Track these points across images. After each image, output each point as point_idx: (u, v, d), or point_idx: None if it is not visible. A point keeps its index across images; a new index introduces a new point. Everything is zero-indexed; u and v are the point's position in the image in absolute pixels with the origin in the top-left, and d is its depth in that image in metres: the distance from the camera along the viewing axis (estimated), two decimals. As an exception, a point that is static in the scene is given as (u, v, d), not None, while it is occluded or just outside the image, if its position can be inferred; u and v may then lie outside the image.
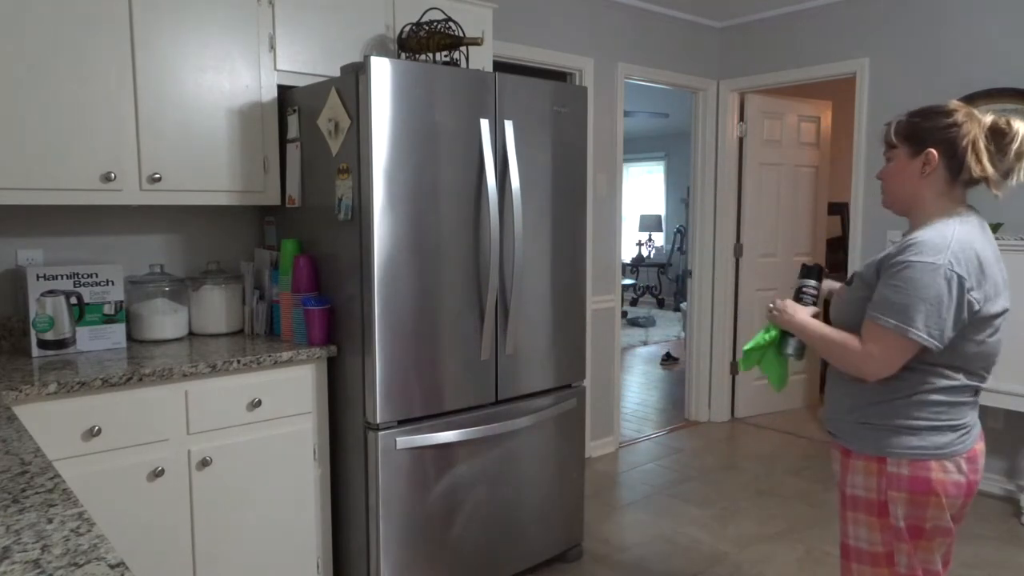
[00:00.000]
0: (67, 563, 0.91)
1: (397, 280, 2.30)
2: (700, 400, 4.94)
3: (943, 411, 1.58)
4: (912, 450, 1.57)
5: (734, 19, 4.64)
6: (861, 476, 1.63)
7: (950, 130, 1.57)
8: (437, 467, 2.45)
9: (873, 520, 1.62)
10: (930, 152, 1.58)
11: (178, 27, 2.34)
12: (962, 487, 1.58)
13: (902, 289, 1.50)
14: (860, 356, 1.57)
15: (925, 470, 1.56)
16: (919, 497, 1.57)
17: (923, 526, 1.58)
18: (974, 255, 1.52)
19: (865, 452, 1.62)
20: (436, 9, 2.78)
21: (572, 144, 2.76)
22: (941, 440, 1.57)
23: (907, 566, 1.60)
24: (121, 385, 2.01)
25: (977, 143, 1.56)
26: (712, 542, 3.15)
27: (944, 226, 1.56)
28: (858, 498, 1.64)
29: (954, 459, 1.57)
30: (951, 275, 1.49)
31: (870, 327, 1.56)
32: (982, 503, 3.55)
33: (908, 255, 1.52)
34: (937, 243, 1.51)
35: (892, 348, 1.53)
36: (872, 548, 1.63)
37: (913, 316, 1.49)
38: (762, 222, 4.90)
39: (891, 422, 1.59)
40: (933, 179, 1.60)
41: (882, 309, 1.53)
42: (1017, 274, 3.30)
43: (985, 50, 3.64)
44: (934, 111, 1.61)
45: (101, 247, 2.58)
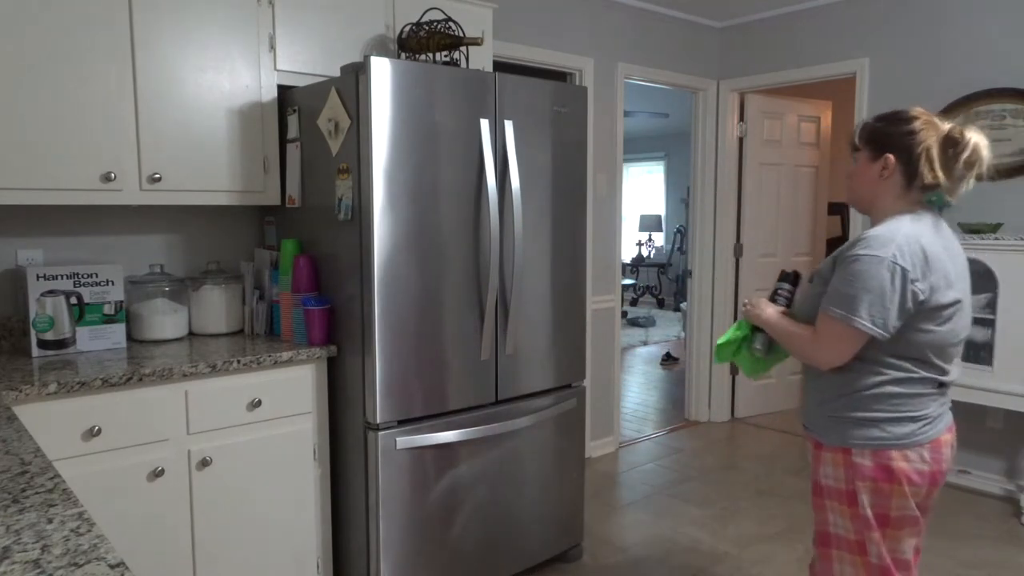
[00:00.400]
0: (67, 563, 0.91)
1: (397, 280, 2.30)
2: (700, 400, 4.95)
3: (902, 402, 1.65)
4: (873, 440, 1.64)
5: (734, 19, 4.64)
6: (831, 467, 1.71)
7: (907, 137, 1.65)
8: (437, 467, 2.45)
9: (844, 509, 1.69)
10: (888, 157, 1.67)
11: (178, 27, 2.34)
12: (925, 476, 1.64)
13: (849, 281, 1.60)
14: (812, 346, 1.67)
15: (887, 459, 1.63)
16: (883, 486, 1.64)
17: (889, 514, 1.65)
18: (919, 248, 1.60)
19: (833, 444, 1.70)
20: (436, 9, 2.78)
21: (572, 144, 2.76)
22: (901, 431, 1.64)
23: (878, 555, 1.66)
24: (121, 385, 2.01)
25: (931, 151, 1.63)
26: (712, 542, 3.15)
27: (895, 223, 1.65)
28: (831, 488, 1.72)
29: (916, 449, 1.64)
30: (894, 267, 1.57)
31: (821, 318, 1.65)
32: (982, 503, 3.56)
33: (857, 249, 1.61)
34: (884, 238, 1.60)
35: (840, 337, 1.62)
36: (847, 536, 1.70)
37: (858, 306, 1.58)
38: (762, 222, 4.90)
39: (854, 414, 1.67)
40: (891, 182, 1.69)
41: (832, 301, 1.63)
42: (1017, 274, 3.30)
43: (985, 50, 3.64)
44: (896, 117, 1.69)
45: (101, 247, 2.58)
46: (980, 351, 3.47)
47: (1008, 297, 3.32)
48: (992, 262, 3.36)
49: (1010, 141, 3.57)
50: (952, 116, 3.72)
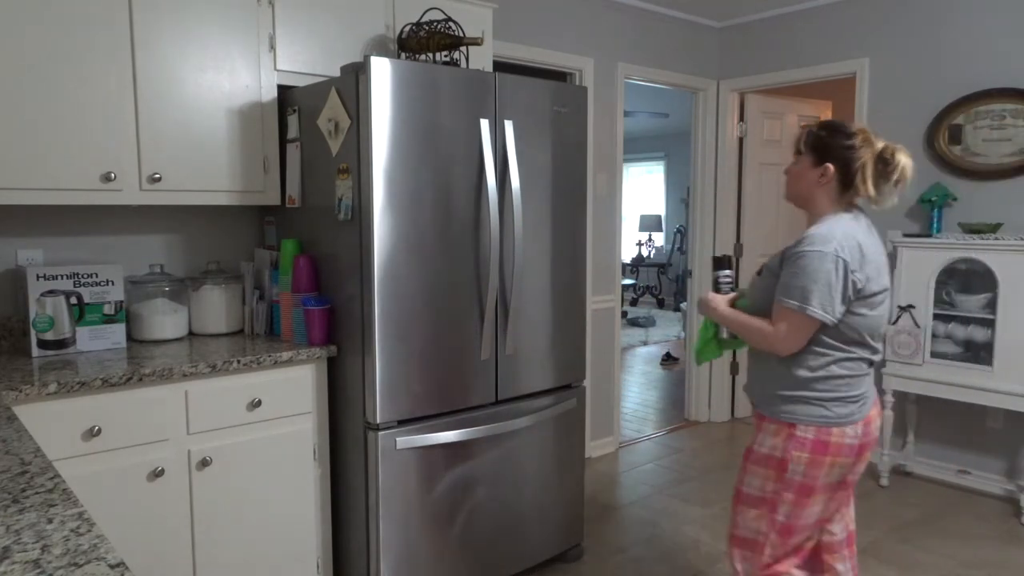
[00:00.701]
0: (67, 563, 0.91)
1: (397, 280, 2.30)
2: (700, 400, 4.94)
3: (844, 383, 1.85)
4: (819, 418, 1.85)
5: (734, 19, 4.64)
6: (770, 437, 1.92)
7: (847, 151, 1.85)
8: (437, 467, 2.45)
9: (770, 472, 1.91)
10: (828, 167, 1.87)
11: (178, 27, 2.34)
12: (855, 449, 1.87)
13: (799, 275, 1.79)
14: (773, 335, 1.84)
15: (827, 435, 1.84)
16: (818, 458, 1.85)
17: (815, 484, 1.87)
18: (856, 243, 1.80)
19: (777, 418, 1.90)
20: (436, 9, 2.78)
21: (572, 144, 2.76)
22: (844, 411, 1.85)
23: (785, 515, 1.90)
24: (121, 385, 2.01)
25: (866, 167, 1.84)
26: (712, 542, 3.15)
27: (832, 221, 1.85)
28: (763, 455, 1.93)
29: (853, 425, 1.86)
30: (837, 260, 1.77)
31: (778, 309, 1.84)
32: (982, 503, 3.56)
33: (803, 247, 1.82)
34: (825, 235, 1.81)
35: (797, 325, 1.81)
36: (759, 494, 1.94)
37: (810, 296, 1.77)
38: (762, 222, 4.90)
39: (802, 394, 1.86)
40: (828, 188, 1.89)
41: (785, 293, 1.81)
42: (1017, 274, 3.31)
43: (985, 50, 3.64)
44: (839, 130, 1.88)
45: (101, 247, 2.58)
46: (980, 351, 3.47)
47: (1008, 297, 3.32)
48: (992, 262, 3.36)
49: (1010, 141, 3.57)
50: (952, 116, 3.73)
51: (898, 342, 3.64)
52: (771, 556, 1.94)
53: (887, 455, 3.77)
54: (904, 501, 3.59)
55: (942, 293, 3.58)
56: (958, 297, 3.54)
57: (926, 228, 3.79)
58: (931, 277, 3.55)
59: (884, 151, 1.84)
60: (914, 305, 3.59)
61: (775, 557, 1.94)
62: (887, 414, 3.73)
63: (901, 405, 3.88)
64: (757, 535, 1.95)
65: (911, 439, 3.94)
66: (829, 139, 1.88)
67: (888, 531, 3.25)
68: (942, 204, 3.71)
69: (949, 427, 3.84)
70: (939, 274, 3.54)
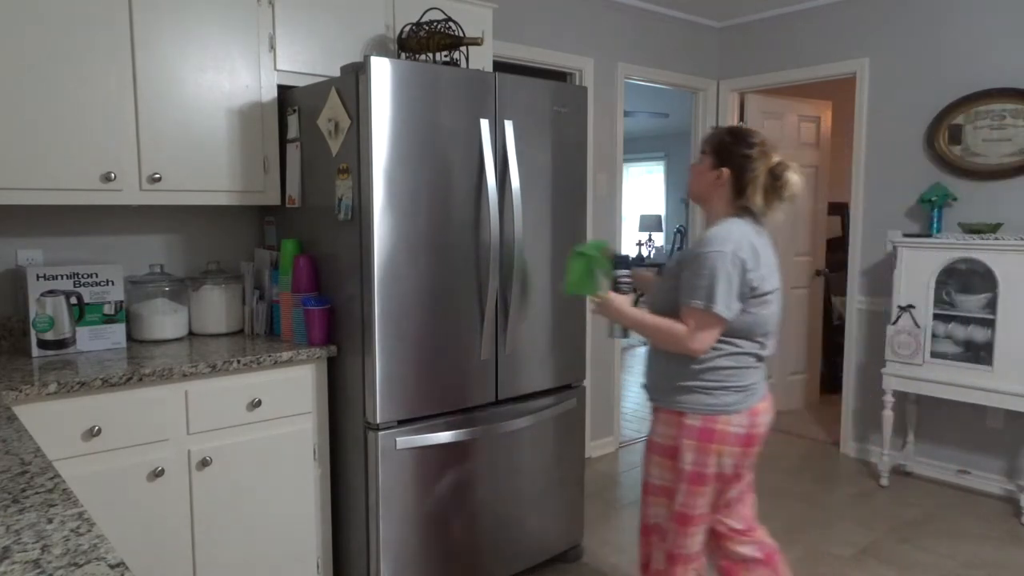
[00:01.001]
0: (67, 563, 0.91)
1: (397, 280, 2.30)
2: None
3: (731, 374, 1.94)
4: (706, 407, 1.94)
5: (734, 19, 4.64)
6: (663, 427, 2.02)
7: (744, 160, 1.92)
8: (437, 467, 2.45)
9: (666, 462, 2.02)
10: (723, 171, 1.95)
11: (178, 27, 2.34)
12: (741, 438, 1.95)
13: (702, 275, 1.86)
14: (685, 335, 1.90)
15: (712, 423, 1.93)
16: (705, 445, 1.94)
17: (705, 472, 1.95)
18: (751, 245, 1.89)
19: (670, 407, 2.00)
20: (436, 9, 2.78)
21: (572, 144, 2.76)
22: (729, 399, 1.93)
23: (680, 504, 1.99)
24: (121, 385, 2.01)
25: (758, 179, 1.91)
26: (712, 542, 3.15)
27: (728, 224, 1.93)
28: (660, 444, 2.04)
29: (737, 415, 1.94)
30: (736, 259, 1.85)
31: (685, 310, 1.90)
32: (982, 503, 3.56)
33: (703, 248, 1.89)
34: (724, 236, 1.88)
35: (705, 323, 1.88)
36: (663, 483, 2.05)
37: (714, 295, 1.84)
38: (762, 222, 4.89)
39: (691, 384, 1.95)
40: (723, 190, 1.97)
41: (691, 293, 1.88)
42: (1017, 274, 3.31)
43: (985, 50, 3.64)
44: (742, 138, 1.95)
45: (101, 247, 2.58)
46: (980, 351, 3.47)
47: (1008, 297, 3.32)
48: (992, 262, 3.36)
49: (1010, 141, 3.57)
50: (952, 116, 3.73)
51: (898, 342, 3.64)
52: (672, 544, 2.03)
53: (887, 455, 3.77)
54: (904, 501, 3.59)
55: (942, 293, 3.58)
56: (958, 297, 3.54)
57: (926, 228, 3.79)
58: (931, 277, 3.55)
59: (776, 167, 1.91)
60: (914, 305, 3.60)
61: (676, 546, 2.03)
62: (887, 414, 3.73)
63: (901, 405, 3.88)
64: (660, 520, 2.08)
65: (911, 439, 3.94)
66: (731, 145, 1.95)
67: (888, 531, 3.25)
68: (942, 204, 3.71)
69: (949, 427, 3.84)
70: (939, 274, 3.54)
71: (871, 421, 4.11)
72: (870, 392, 4.10)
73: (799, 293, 5.12)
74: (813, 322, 5.21)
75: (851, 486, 3.79)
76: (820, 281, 5.25)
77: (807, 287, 5.16)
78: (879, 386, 3.81)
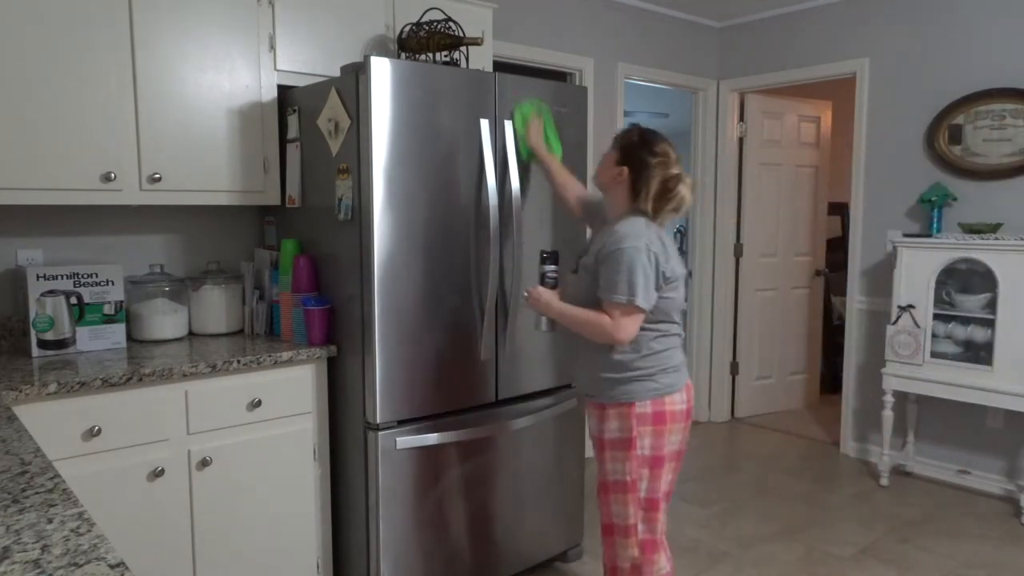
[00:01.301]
0: (67, 563, 0.91)
1: (397, 280, 2.30)
2: (700, 400, 4.94)
3: (665, 355, 2.06)
4: (652, 391, 2.03)
5: (734, 19, 4.64)
6: (615, 422, 2.06)
7: (643, 165, 2.03)
8: (437, 467, 2.45)
9: (624, 454, 2.06)
10: (624, 169, 2.05)
11: (178, 27, 2.34)
12: (684, 414, 2.09)
13: (621, 270, 1.95)
14: (611, 327, 1.98)
15: (662, 406, 2.04)
16: (659, 427, 2.04)
17: (661, 454, 2.05)
18: (658, 238, 2.02)
19: (618, 401, 2.05)
20: (436, 9, 2.78)
21: (572, 144, 2.76)
22: (669, 380, 2.05)
23: (646, 490, 2.07)
24: (121, 385, 2.01)
25: (651, 186, 2.01)
26: (712, 542, 3.15)
27: (634, 221, 2.02)
28: (614, 440, 2.08)
29: (678, 392, 2.07)
30: (650, 253, 1.97)
31: (608, 304, 1.99)
32: (982, 503, 3.56)
33: (619, 245, 1.97)
34: (636, 232, 1.98)
35: (628, 316, 1.98)
36: (623, 478, 2.07)
37: (635, 288, 1.95)
38: (762, 222, 4.90)
39: (632, 374, 2.04)
40: (623, 187, 2.07)
41: (612, 288, 1.97)
42: (1017, 274, 3.31)
43: (985, 50, 3.64)
44: (647, 144, 2.04)
45: (101, 247, 2.58)
46: (980, 351, 3.47)
47: (1008, 297, 3.32)
48: (992, 262, 3.36)
49: (1010, 141, 3.56)
50: (952, 116, 3.73)
51: (898, 342, 3.64)
52: (645, 532, 2.09)
53: (887, 455, 3.77)
54: (904, 501, 3.59)
55: (942, 293, 3.58)
56: (958, 297, 3.54)
57: (926, 228, 3.79)
58: (931, 277, 3.55)
59: (669, 180, 2.01)
60: (914, 305, 3.59)
61: (651, 532, 2.09)
62: (887, 414, 3.73)
63: (901, 405, 3.88)
64: (627, 519, 2.09)
65: (911, 439, 3.94)
66: (636, 148, 2.05)
67: (888, 531, 3.25)
68: (942, 204, 3.71)
69: (949, 427, 3.84)
70: (939, 274, 3.54)
71: (871, 421, 4.11)
72: (870, 392, 4.10)
73: (799, 293, 5.13)
74: (813, 322, 5.21)
75: (851, 486, 3.79)
76: (820, 281, 5.25)
77: (807, 287, 5.16)
78: (879, 386, 3.81)
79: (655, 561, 2.10)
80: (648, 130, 2.11)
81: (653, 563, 2.10)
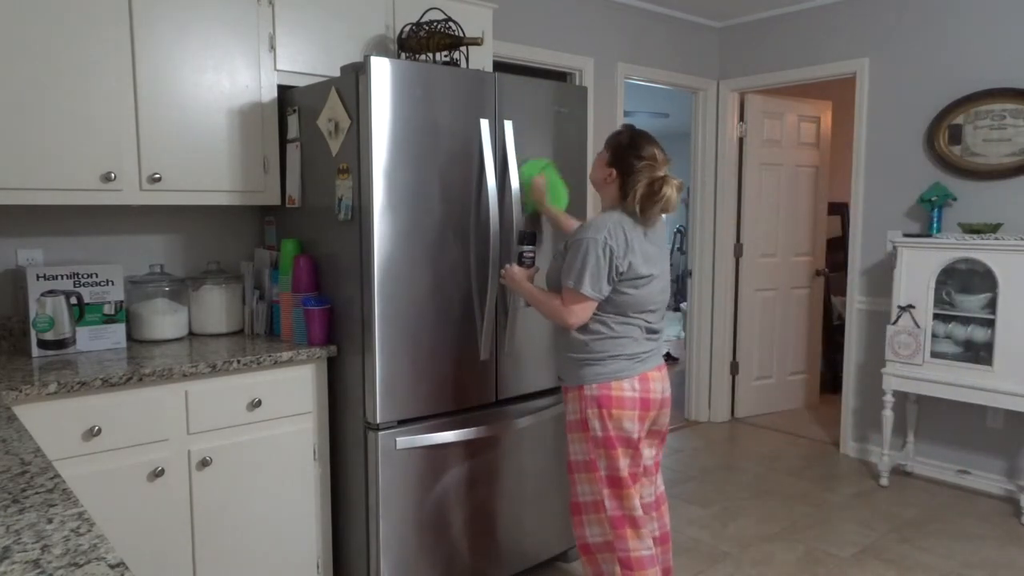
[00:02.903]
0: (67, 563, 0.91)
1: (397, 280, 2.30)
2: (700, 400, 4.94)
3: (614, 344, 2.13)
4: (598, 376, 2.13)
5: (734, 19, 4.64)
6: (572, 404, 2.20)
7: (631, 168, 2.11)
8: (437, 467, 2.45)
9: (580, 435, 2.18)
10: (613, 171, 2.15)
11: (178, 27, 2.34)
12: (636, 401, 2.14)
13: (576, 258, 2.08)
14: (561, 309, 2.13)
15: (607, 389, 2.12)
16: (604, 410, 2.12)
17: (610, 434, 2.12)
18: (622, 233, 2.09)
19: (573, 384, 2.18)
20: (436, 9, 2.78)
21: (572, 144, 2.76)
22: (616, 366, 2.13)
23: (605, 468, 2.15)
24: (121, 385, 2.01)
25: (638, 187, 2.09)
26: (712, 542, 3.15)
27: (606, 215, 2.14)
28: (571, 421, 2.21)
29: (628, 380, 2.13)
30: (605, 246, 2.06)
31: (564, 289, 2.12)
32: (982, 503, 3.56)
33: (580, 234, 2.10)
34: (599, 225, 2.09)
35: (576, 302, 2.10)
36: (583, 458, 2.19)
37: (583, 277, 2.06)
38: (762, 222, 4.90)
39: (584, 357, 2.15)
40: (612, 187, 2.17)
41: (567, 275, 2.10)
42: (1017, 274, 3.30)
43: (985, 50, 3.64)
44: (636, 146, 2.13)
45: (101, 247, 2.58)
46: (980, 351, 3.47)
47: (1008, 297, 3.32)
48: (992, 262, 3.36)
49: (1010, 141, 3.57)
50: (952, 116, 3.73)
51: (898, 342, 3.64)
52: (615, 508, 2.16)
53: (887, 455, 3.77)
54: (904, 501, 3.59)
55: (942, 293, 3.58)
56: (958, 297, 3.54)
57: (926, 228, 3.79)
58: (931, 277, 3.55)
59: (654, 182, 2.09)
60: (914, 305, 3.60)
61: (620, 509, 2.16)
62: (887, 414, 3.73)
63: (901, 405, 3.88)
64: (595, 496, 2.18)
65: (911, 439, 3.94)
66: (625, 150, 2.14)
67: (888, 531, 3.26)
68: (942, 204, 3.71)
69: (949, 427, 3.84)
70: (939, 274, 3.54)
71: (871, 421, 4.11)
72: (870, 392, 4.10)
73: (799, 293, 5.13)
74: (813, 322, 5.22)
75: (851, 486, 3.79)
76: (820, 281, 5.25)
77: (807, 287, 5.16)
78: (879, 386, 3.81)
79: (625, 537, 2.16)
80: (638, 132, 2.18)
81: (624, 539, 2.16)
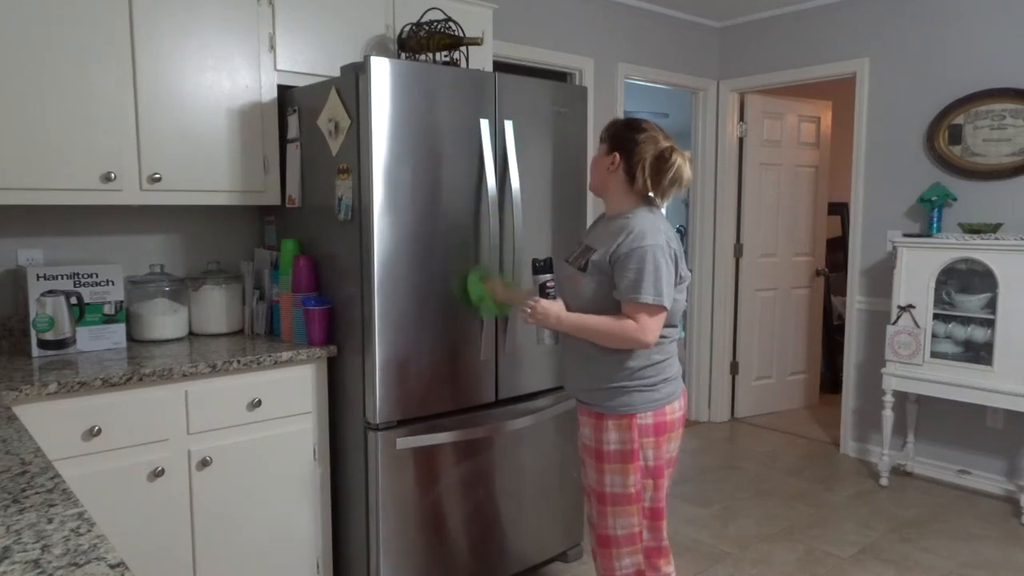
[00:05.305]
0: (67, 563, 0.91)
1: (397, 280, 2.30)
2: (700, 400, 4.94)
3: (666, 366, 1.99)
4: (653, 403, 1.96)
5: (734, 19, 4.64)
6: (614, 433, 1.97)
7: (632, 144, 1.96)
8: (437, 467, 2.45)
9: (627, 467, 1.98)
10: (616, 155, 1.99)
11: (178, 27, 2.34)
12: (681, 420, 2.04)
13: (643, 270, 1.86)
14: (637, 331, 1.88)
15: (662, 416, 1.97)
16: (660, 439, 1.98)
17: (662, 463, 1.99)
18: (673, 236, 1.96)
19: (619, 413, 1.96)
20: (436, 9, 2.78)
21: (572, 144, 2.76)
22: (668, 390, 1.99)
23: (651, 499, 2.01)
24: (121, 385, 2.01)
25: (644, 162, 1.94)
26: (712, 542, 3.15)
27: (645, 216, 1.95)
28: (612, 452, 1.99)
29: (678, 400, 2.02)
30: (669, 251, 1.91)
31: (633, 306, 1.88)
32: (982, 503, 3.56)
33: (638, 242, 1.88)
34: (650, 229, 1.90)
35: (655, 316, 1.89)
36: (625, 491, 1.99)
37: (660, 288, 1.87)
38: (762, 222, 4.90)
39: (634, 384, 1.95)
40: (617, 177, 2.00)
41: (637, 289, 1.87)
42: (1017, 274, 3.30)
43: (985, 50, 3.64)
44: (631, 126, 2.00)
45: (101, 247, 2.58)
46: (980, 351, 3.47)
47: (1008, 297, 3.32)
48: (992, 262, 3.36)
49: (1010, 141, 3.57)
50: (952, 116, 3.73)
51: (898, 342, 3.64)
52: (651, 540, 2.04)
53: (887, 455, 3.77)
54: (904, 501, 3.59)
55: (942, 293, 3.58)
56: (958, 297, 3.54)
57: (926, 228, 3.79)
58: (931, 277, 3.55)
59: (663, 151, 1.93)
60: (914, 305, 3.59)
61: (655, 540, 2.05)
62: (887, 414, 3.73)
63: (901, 405, 3.88)
64: (631, 529, 2.02)
65: (911, 439, 3.94)
66: (622, 131, 2.01)
67: (888, 531, 3.26)
68: (942, 204, 3.71)
69: (949, 427, 3.84)
70: (939, 274, 3.54)
71: (871, 421, 4.11)
72: (870, 392, 4.10)
73: (799, 293, 5.13)
74: (813, 322, 5.21)
75: (851, 486, 3.79)
76: (820, 281, 5.25)
77: (807, 287, 5.16)
78: (879, 386, 3.81)
79: (659, 568, 2.07)
80: (631, 118, 2.06)
81: (658, 569, 2.07)
